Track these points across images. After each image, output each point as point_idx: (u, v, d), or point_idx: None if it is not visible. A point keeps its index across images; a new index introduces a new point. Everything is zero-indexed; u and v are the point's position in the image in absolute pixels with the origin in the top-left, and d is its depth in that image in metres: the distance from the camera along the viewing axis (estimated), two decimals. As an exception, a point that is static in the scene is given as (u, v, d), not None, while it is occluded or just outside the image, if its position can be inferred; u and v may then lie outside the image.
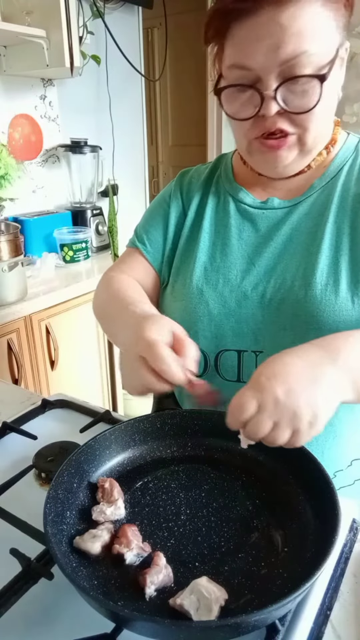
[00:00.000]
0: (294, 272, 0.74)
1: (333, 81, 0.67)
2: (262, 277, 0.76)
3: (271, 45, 0.61)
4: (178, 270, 0.85)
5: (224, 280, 0.78)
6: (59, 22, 1.76)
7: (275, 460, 0.65)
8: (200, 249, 0.82)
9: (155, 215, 0.90)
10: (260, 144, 0.70)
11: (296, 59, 0.61)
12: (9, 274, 1.58)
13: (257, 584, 0.50)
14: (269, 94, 0.63)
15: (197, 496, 0.62)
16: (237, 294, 0.77)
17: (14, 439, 0.81)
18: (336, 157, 0.77)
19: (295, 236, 0.76)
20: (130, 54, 2.42)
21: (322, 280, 0.72)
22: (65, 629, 0.50)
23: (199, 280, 0.80)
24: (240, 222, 0.81)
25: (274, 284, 0.75)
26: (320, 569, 0.46)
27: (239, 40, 0.64)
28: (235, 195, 0.82)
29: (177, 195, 0.88)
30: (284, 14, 0.60)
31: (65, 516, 0.57)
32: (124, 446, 0.69)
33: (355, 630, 0.51)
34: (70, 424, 0.85)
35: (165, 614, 0.47)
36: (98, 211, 2.33)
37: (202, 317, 0.78)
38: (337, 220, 0.74)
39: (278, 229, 0.77)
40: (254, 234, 0.79)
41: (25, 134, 2.11)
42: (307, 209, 0.77)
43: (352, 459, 0.81)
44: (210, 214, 0.83)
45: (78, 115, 2.36)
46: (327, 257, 0.73)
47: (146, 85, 2.80)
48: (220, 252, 0.80)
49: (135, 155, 2.79)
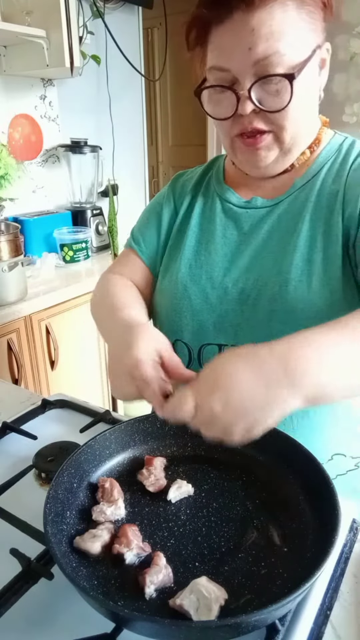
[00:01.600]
0: (270, 269, 0.76)
1: (309, 81, 0.69)
2: (242, 274, 0.79)
3: (243, 47, 0.65)
4: (166, 268, 0.87)
5: (207, 277, 0.81)
6: (59, 22, 1.76)
7: (275, 460, 0.65)
8: (186, 246, 0.84)
9: (149, 216, 0.93)
10: (241, 142, 0.73)
11: (268, 59, 0.64)
12: (9, 274, 1.58)
13: (257, 584, 0.50)
14: (244, 94, 0.67)
15: (197, 496, 0.63)
16: (219, 290, 0.79)
17: (14, 439, 0.81)
18: (319, 157, 0.79)
19: (275, 234, 0.78)
20: (130, 54, 2.42)
21: (296, 277, 0.73)
22: (65, 629, 0.50)
23: (183, 276, 0.82)
24: (225, 221, 0.83)
25: (253, 280, 0.77)
26: (320, 569, 0.46)
27: (217, 44, 0.68)
28: (222, 195, 0.85)
29: (170, 197, 0.91)
30: (254, 18, 0.63)
31: (65, 516, 0.57)
32: (124, 446, 0.69)
33: (355, 630, 0.51)
34: (70, 424, 0.85)
35: (165, 614, 0.47)
36: (98, 211, 2.33)
37: (186, 312, 0.81)
38: (313, 218, 0.76)
39: (259, 227, 0.80)
40: (237, 232, 0.82)
41: (25, 134, 2.11)
42: (287, 208, 0.78)
43: (333, 453, 0.81)
44: (198, 213, 0.86)
45: (78, 115, 2.36)
46: (302, 253, 0.74)
47: (146, 85, 2.80)
48: (205, 249, 0.83)
49: (135, 155, 2.79)
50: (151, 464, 0.65)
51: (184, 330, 0.82)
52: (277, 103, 0.67)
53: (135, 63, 2.48)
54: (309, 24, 0.66)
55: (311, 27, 0.66)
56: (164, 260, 0.89)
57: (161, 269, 0.89)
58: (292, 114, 0.69)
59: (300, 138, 0.74)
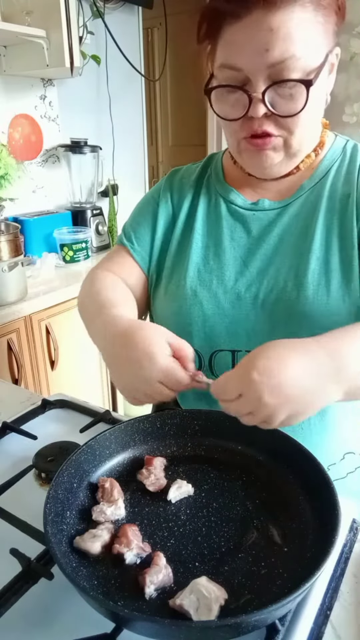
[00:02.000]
0: (286, 273, 0.75)
1: (321, 86, 0.68)
2: (255, 278, 0.77)
3: (260, 47, 0.62)
4: (171, 272, 0.85)
5: (218, 282, 0.79)
6: (59, 22, 1.76)
7: (275, 460, 0.65)
8: (193, 250, 0.82)
9: (144, 213, 0.90)
10: (247, 143, 0.71)
11: (284, 62, 0.62)
12: (9, 274, 1.58)
13: (257, 584, 0.50)
14: (257, 96, 0.64)
15: (197, 496, 0.63)
16: (231, 295, 0.78)
17: (14, 439, 0.81)
18: (324, 159, 0.78)
19: (286, 237, 0.77)
20: (130, 54, 2.42)
21: (314, 281, 0.73)
22: (65, 629, 0.50)
23: (192, 281, 0.80)
24: (232, 223, 0.81)
25: (267, 285, 0.76)
26: (320, 569, 0.46)
27: (229, 41, 0.65)
28: (226, 196, 0.83)
29: (167, 195, 0.88)
30: (274, 18, 0.61)
31: (65, 516, 0.57)
32: (124, 446, 0.69)
33: (355, 630, 0.51)
34: (70, 424, 0.85)
35: (165, 614, 0.47)
36: (98, 211, 2.33)
37: (197, 318, 0.79)
38: (326, 221, 0.75)
39: (269, 230, 0.78)
40: (246, 235, 0.80)
41: (25, 134, 2.11)
42: (297, 210, 0.77)
43: (345, 452, 0.81)
44: (202, 215, 0.84)
45: (78, 115, 2.35)
46: (317, 257, 0.74)
47: (146, 85, 2.80)
48: (213, 253, 0.81)
49: (135, 155, 2.79)
50: (151, 464, 0.65)
51: (195, 336, 0.80)
52: (290, 108, 0.65)
53: (135, 63, 2.48)
54: (324, 28, 0.64)
55: (326, 31, 0.65)
56: (167, 264, 0.86)
57: (165, 273, 0.86)
58: (304, 119, 0.67)
59: (306, 142, 0.73)
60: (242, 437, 0.68)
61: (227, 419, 0.69)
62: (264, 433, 0.66)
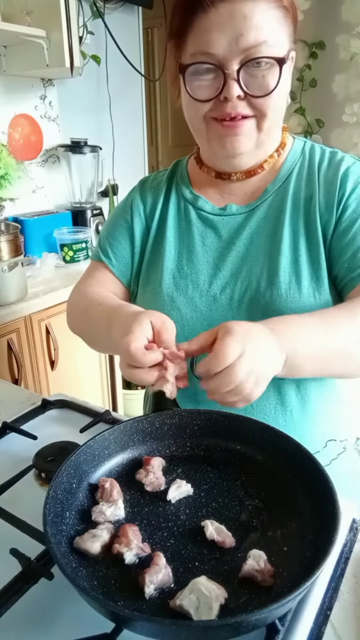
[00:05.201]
0: (258, 274, 0.78)
1: (287, 75, 0.71)
2: (229, 280, 0.80)
3: (235, 32, 0.66)
4: (147, 281, 0.87)
5: (193, 286, 0.81)
6: (59, 22, 1.76)
7: (275, 460, 0.65)
8: (166, 258, 0.84)
9: (118, 227, 0.90)
10: (218, 126, 0.72)
11: (257, 47, 0.66)
12: (9, 274, 1.58)
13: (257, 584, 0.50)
14: (232, 74, 0.67)
15: (197, 496, 0.63)
16: (207, 298, 0.80)
17: (14, 439, 0.81)
18: (285, 161, 0.81)
19: (256, 239, 0.80)
20: (130, 54, 2.42)
21: (286, 280, 0.76)
22: (65, 629, 0.50)
23: (168, 287, 0.82)
24: (202, 229, 0.84)
25: (241, 286, 0.79)
26: (320, 568, 0.46)
27: (204, 28, 0.68)
28: (194, 203, 0.85)
29: (139, 207, 0.89)
30: (246, 6, 0.65)
31: (64, 516, 0.57)
32: (123, 446, 0.69)
33: (355, 630, 0.51)
34: (70, 424, 0.85)
35: (165, 613, 0.47)
36: (98, 211, 2.33)
37: (175, 323, 0.79)
38: (292, 223, 0.78)
39: (239, 233, 0.81)
40: (217, 239, 0.82)
41: (25, 134, 2.11)
42: (264, 213, 0.80)
43: (327, 439, 0.83)
44: (173, 223, 0.86)
45: (78, 115, 2.36)
46: (287, 257, 0.77)
47: (146, 85, 2.80)
48: (187, 259, 0.83)
49: (135, 155, 2.79)
50: (149, 464, 0.65)
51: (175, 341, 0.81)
52: (263, 87, 0.69)
53: (135, 63, 2.48)
54: (285, 24, 0.69)
55: (287, 27, 0.70)
56: (142, 273, 0.88)
57: (140, 282, 0.88)
58: (275, 101, 0.70)
59: (274, 131, 0.76)
60: (242, 437, 0.68)
61: (226, 419, 0.70)
62: (264, 433, 0.66)
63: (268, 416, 0.79)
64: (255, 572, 0.50)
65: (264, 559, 0.51)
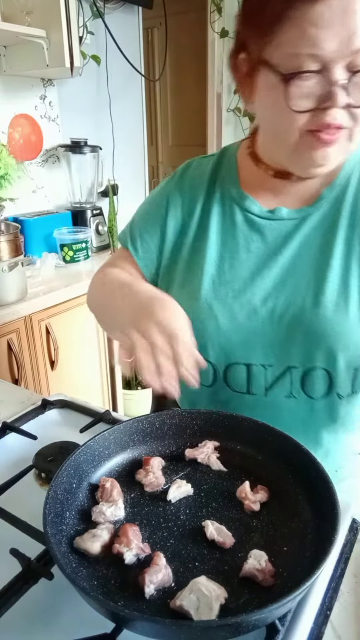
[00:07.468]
0: (304, 290, 0.72)
1: None
2: (271, 292, 0.74)
3: (345, 32, 0.56)
4: (183, 283, 0.81)
5: (233, 294, 0.76)
6: (59, 22, 1.76)
7: (275, 460, 0.65)
8: (207, 261, 0.78)
9: (152, 217, 0.85)
10: (314, 138, 0.64)
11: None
12: (9, 274, 1.58)
13: (257, 584, 0.50)
14: (340, 81, 0.58)
15: (197, 496, 0.63)
16: (247, 309, 0.75)
17: (14, 439, 0.81)
18: (344, 167, 0.74)
19: (305, 251, 0.74)
20: (130, 54, 2.42)
21: (333, 300, 0.70)
22: (65, 629, 0.50)
23: (207, 294, 0.77)
24: (248, 233, 0.77)
25: (284, 300, 0.73)
26: (320, 568, 0.46)
27: (307, 24, 0.57)
28: (241, 203, 0.78)
29: (177, 199, 0.83)
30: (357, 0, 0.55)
31: (64, 516, 0.57)
32: (123, 446, 0.69)
33: (355, 630, 0.51)
34: (70, 424, 0.85)
35: (165, 613, 0.47)
36: (98, 211, 2.33)
37: (212, 331, 0.76)
38: (347, 238, 0.72)
39: (287, 242, 0.75)
40: (263, 245, 0.76)
41: (25, 134, 2.11)
42: (317, 223, 0.74)
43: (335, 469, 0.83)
44: (216, 224, 0.80)
45: (78, 115, 2.35)
46: (336, 275, 0.71)
47: (146, 85, 2.80)
48: (229, 264, 0.77)
49: (135, 155, 2.79)
50: (148, 464, 0.65)
51: (209, 348, 0.77)
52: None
53: (135, 63, 2.48)
54: None
55: None
56: (177, 273, 0.82)
57: (177, 282, 0.82)
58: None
59: None
60: (242, 437, 0.68)
61: (226, 419, 0.70)
62: (264, 433, 0.66)
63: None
64: (256, 571, 0.50)
65: (265, 558, 0.51)
